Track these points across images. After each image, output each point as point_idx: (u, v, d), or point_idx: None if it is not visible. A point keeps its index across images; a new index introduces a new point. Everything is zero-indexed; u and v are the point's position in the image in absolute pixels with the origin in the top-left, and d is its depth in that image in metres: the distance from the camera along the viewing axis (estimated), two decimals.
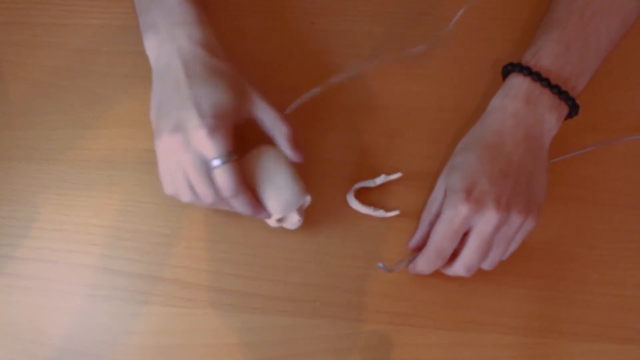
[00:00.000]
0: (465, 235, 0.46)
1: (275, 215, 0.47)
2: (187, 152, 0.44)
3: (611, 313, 0.48)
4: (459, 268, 0.46)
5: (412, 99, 0.55)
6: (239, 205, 0.46)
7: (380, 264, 0.48)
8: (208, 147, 0.44)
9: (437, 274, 0.49)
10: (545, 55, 0.48)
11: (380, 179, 0.51)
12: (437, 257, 0.46)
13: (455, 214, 0.44)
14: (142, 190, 0.53)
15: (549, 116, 0.47)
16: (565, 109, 0.48)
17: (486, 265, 0.47)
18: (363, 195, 0.52)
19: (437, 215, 0.47)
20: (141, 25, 0.49)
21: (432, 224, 0.48)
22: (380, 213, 0.51)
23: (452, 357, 0.48)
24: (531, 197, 0.46)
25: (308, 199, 0.49)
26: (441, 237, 0.45)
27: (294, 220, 0.48)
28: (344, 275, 0.50)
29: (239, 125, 0.47)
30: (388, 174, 0.51)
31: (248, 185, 0.46)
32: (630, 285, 0.49)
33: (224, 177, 0.44)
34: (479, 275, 0.49)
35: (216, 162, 0.44)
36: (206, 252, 0.51)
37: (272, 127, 0.49)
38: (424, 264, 0.47)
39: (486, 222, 0.44)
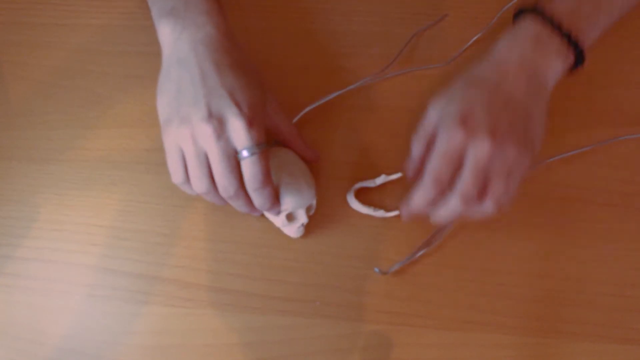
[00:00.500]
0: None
1: (288, 208, 0.47)
2: (218, 141, 0.43)
3: (611, 313, 0.48)
4: (454, 200, 0.44)
5: (412, 99, 0.55)
6: (260, 198, 0.45)
7: (376, 269, 0.49)
8: (243, 137, 0.43)
9: (437, 273, 0.49)
10: (559, 3, 0.48)
11: (380, 179, 0.51)
12: (433, 184, 0.44)
13: (450, 138, 0.43)
14: (142, 190, 0.53)
15: (556, 61, 0.47)
16: (571, 58, 0.48)
17: (489, 206, 0.44)
18: (363, 195, 0.52)
19: (433, 136, 0.46)
20: (155, 12, 0.48)
21: (427, 145, 0.46)
22: (380, 213, 0.51)
23: (452, 357, 0.48)
24: (528, 134, 0.45)
25: (314, 203, 0.49)
26: (436, 163, 0.44)
27: (300, 222, 0.49)
28: (344, 275, 0.50)
29: None
30: (388, 174, 0.51)
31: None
32: (630, 285, 0.49)
33: (254, 167, 0.44)
34: (478, 274, 0.49)
35: (247, 153, 0.43)
36: (206, 252, 0.51)
37: (286, 130, 0.50)
38: (420, 196, 0.45)
39: (480, 149, 0.43)
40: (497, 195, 0.44)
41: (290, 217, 0.49)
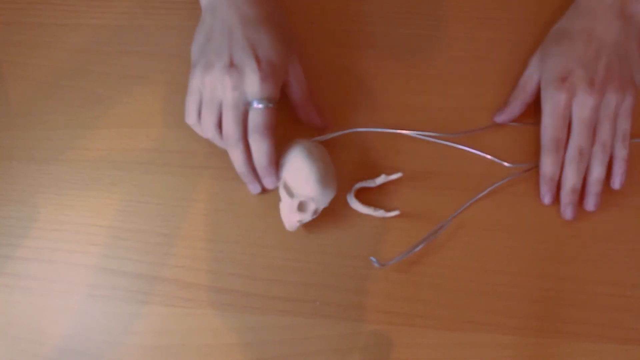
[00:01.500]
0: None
1: (309, 194, 0.48)
2: (234, 91, 0.46)
3: (611, 313, 0.48)
4: (573, 153, 0.48)
5: (412, 99, 0.55)
6: (259, 151, 0.47)
7: (372, 258, 0.48)
8: (256, 89, 0.46)
9: (437, 273, 0.49)
10: None
11: (380, 179, 0.51)
12: (555, 148, 0.49)
13: (555, 103, 0.48)
14: (142, 190, 0.53)
15: None
16: None
17: (598, 152, 0.48)
18: (363, 195, 0.52)
19: (531, 95, 0.51)
20: None
21: (525, 104, 0.51)
22: (380, 213, 0.51)
23: (452, 357, 0.48)
24: (626, 73, 0.48)
25: (321, 208, 0.49)
26: (551, 128, 0.48)
27: (303, 217, 0.48)
28: (344, 275, 0.50)
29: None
30: (388, 174, 0.51)
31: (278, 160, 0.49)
32: (630, 285, 0.49)
33: (258, 117, 0.46)
34: (478, 274, 0.49)
35: (257, 104, 0.46)
36: (206, 252, 0.51)
37: (300, 91, 0.51)
38: (547, 161, 0.49)
39: (582, 105, 0.47)
40: (604, 139, 0.48)
41: (301, 207, 0.49)
